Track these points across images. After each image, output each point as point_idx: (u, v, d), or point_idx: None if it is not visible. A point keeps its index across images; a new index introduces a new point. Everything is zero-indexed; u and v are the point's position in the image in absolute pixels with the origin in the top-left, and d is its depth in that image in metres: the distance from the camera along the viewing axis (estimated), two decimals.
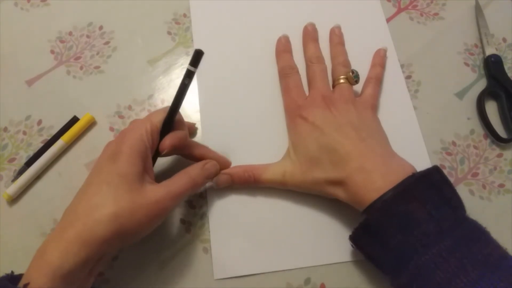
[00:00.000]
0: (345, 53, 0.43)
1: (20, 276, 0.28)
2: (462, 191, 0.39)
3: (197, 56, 0.32)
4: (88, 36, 0.47)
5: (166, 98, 0.44)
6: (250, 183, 0.38)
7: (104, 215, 0.29)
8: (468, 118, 0.43)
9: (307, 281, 0.36)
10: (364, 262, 0.35)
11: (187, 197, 0.38)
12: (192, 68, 0.32)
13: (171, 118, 0.34)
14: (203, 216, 0.38)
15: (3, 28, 0.47)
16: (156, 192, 0.31)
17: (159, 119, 0.34)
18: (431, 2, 0.49)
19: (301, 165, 0.37)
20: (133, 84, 0.44)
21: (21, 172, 0.40)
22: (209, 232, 0.38)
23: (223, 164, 0.38)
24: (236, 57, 0.45)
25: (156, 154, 0.35)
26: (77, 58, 0.45)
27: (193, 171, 0.34)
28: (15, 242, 0.38)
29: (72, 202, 0.31)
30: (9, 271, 0.36)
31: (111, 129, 0.42)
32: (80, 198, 0.31)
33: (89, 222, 0.28)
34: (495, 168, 0.41)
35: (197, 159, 0.37)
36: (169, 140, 0.33)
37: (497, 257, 0.29)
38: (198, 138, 0.42)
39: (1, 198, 0.39)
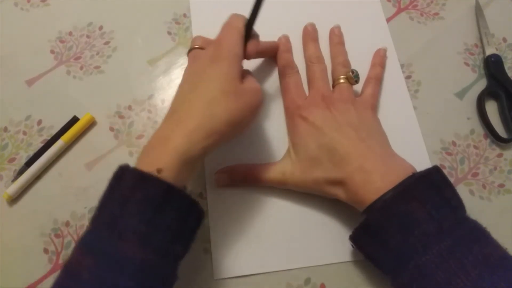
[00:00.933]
0: (345, 53, 0.43)
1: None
2: (462, 191, 0.39)
3: None
4: (88, 36, 0.47)
5: (166, 98, 0.44)
6: (250, 183, 0.38)
7: (220, 111, 0.31)
8: (468, 118, 0.43)
9: (307, 281, 0.36)
10: (364, 262, 0.35)
11: None
12: None
13: (252, 24, 0.35)
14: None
15: (3, 28, 0.47)
16: (253, 84, 0.34)
17: (242, 25, 0.35)
18: (431, 2, 0.49)
19: (301, 165, 0.37)
20: (133, 84, 0.44)
21: (21, 172, 0.40)
22: (209, 232, 0.38)
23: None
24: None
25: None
26: (77, 58, 0.45)
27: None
28: (15, 242, 0.38)
29: (181, 96, 0.33)
30: (9, 271, 0.36)
31: (111, 129, 0.42)
32: (192, 92, 0.32)
33: (207, 116, 0.31)
34: (495, 168, 0.41)
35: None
36: (253, 45, 0.36)
37: (497, 257, 0.29)
38: None
39: (1, 198, 0.39)
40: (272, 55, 0.43)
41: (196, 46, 0.38)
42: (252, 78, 0.35)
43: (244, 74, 0.35)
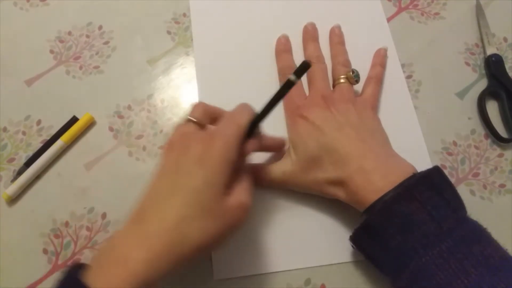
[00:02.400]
0: (345, 53, 0.43)
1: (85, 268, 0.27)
2: (463, 191, 0.39)
3: (304, 68, 0.30)
4: (87, 36, 0.46)
5: (165, 98, 0.44)
6: None
7: (193, 234, 0.27)
8: (469, 118, 0.43)
9: (307, 281, 0.36)
10: (365, 263, 0.35)
11: None
12: (294, 78, 0.31)
13: (258, 123, 0.32)
14: None
15: (2, 28, 0.47)
16: (240, 197, 0.30)
17: (246, 122, 0.32)
18: (432, 2, 0.48)
19: (301, 165, 0.36)
20: (132, 84, 0.44)
21: (20, 172, 0.40)
22: None
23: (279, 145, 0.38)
24: (236, 57, 0.45)
25: None
26: (77, 58, 0.45)
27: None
28: (15, 242, 0.38)
29: (153, 196, 0.29)
30: (8, 272, 0.36)
31: (111, 129, 0.42)
32: (166, 198, 0.28)
33: (177, 239, 0.27)
34: (496, 168, 0.40)
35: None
36: (252, 145, 0.32)
37: (498, 258, 0.29)
38: None
39: (0, 198, 0.39)
40: (276, 150, 0.39)
41: (194, 120, 0.32)
42: (241, 187, 0.30)
43: (234, 181, 0.30)
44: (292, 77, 0.31)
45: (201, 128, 0.32)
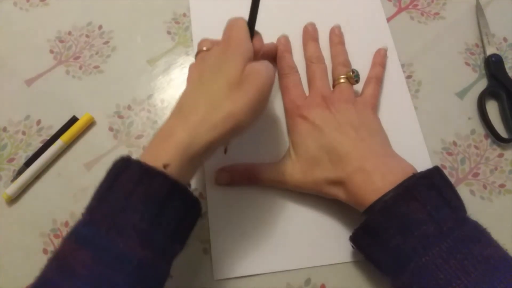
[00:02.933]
0: (345, 53, 0.43)
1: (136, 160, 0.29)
2: (462, 191, 0.39)
3: None
4: (87, 36, 0.46)
5: (165, 98, 0.43)
6: (250, 182, 0.38)
7: (223, 102, 0.30)
8: (469, 118, 0.43)
9: (307, 281, 0.36)
10: (365, 263, 0.35)
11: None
12: None
13: (253, 23, 0.35)
14: (203, 216, 0.38)
15: (2, 28, 0.47)
16: (254, 66, 0.32)
17: (245, 24, 0.34)
18: (432, 2, 0.48)
19: (301, 164, 0.37)
20: (132, 84, 0.44)
21: (20, 172, 0.40)
22: (209, 232, 0.37)
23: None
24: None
25: None
26: (77, 58, 0.45)
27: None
28: (15, 242, 0.38)
29: (187, 92, 0.33)
30: (8, 272, 0.36)
31: (111, 129, 0.42)
32: (198, 89, 0.32)
33: (210, 108, 0.30)
34: (496, 168, 0.40)
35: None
36: (259, 41, 0.35)
37: (498, 259, 0.29)
38: None
39: (0, 198, 0.39)
40: (274, 56, 0.43)
41: (204, 49, 0.36)
42: (256, 62, 0.32)
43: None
44: None
45: None
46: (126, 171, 0.28)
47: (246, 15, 0.47)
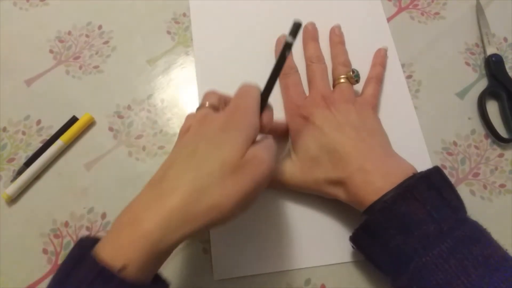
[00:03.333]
0: (345, 53, 0.43)
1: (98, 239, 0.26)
2: (463, 191, 0.39)
3: (297, 28, 0.30)
4: (87, 36, 0.46)
5: (165, 97, 0.43)
6: None
7: (212, 190, 0.25)
8: (469, 118, 0.43)
9: (307, 281, 0.36)
10: (365, 263, 0.35)
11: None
12: (290, 39, 0.30)
13: (267, 95, 0.31)
14: None
15: (2, 28, 0.47)
16: (258, 152, 0.28)
17: (257, 93, 0.31)
18: (432, 2, 0.48)
19: (301, 165, 0.36)
20: (132, 83, 0.44)
21: (20, 172, 0.39)
22: (209, 232, 0.37)
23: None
24: (236, 57, 0.45)
25: None
26: (76, 58, 0.45)
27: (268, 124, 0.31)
28: (14, 242, 0.38)
29: (172, 161, 0.28)
30: (8, 272, 0.36)
31: (111, 129, 0.42)
32: (186, 161, 0.27)
33: (194, 194, 0.25)
34: (496, 168, 0.40)
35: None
36: (268, 116, 0.31)
37: (498, 259, 0.29)
38: None
39: (0, 198, 0.39)
40: (282, 134, 0.39)
41: (207, 104, 0.31)
42: (260, 145, 0.28)
43: (256, 141, 0.29)
44: (289, 38, 0.30)
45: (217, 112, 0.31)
46: (80, 267, 0.24)
47: (246, 15, 0.47)
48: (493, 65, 0.44)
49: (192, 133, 0.29)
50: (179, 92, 0.44)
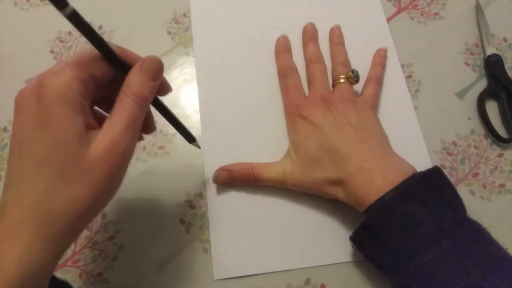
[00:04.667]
0: (345, 53, 0.43)
1: None
2: (462, 191, 0.39)
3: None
4: None
5: (165, 98, 0.43)
6: (250, 181, 0.38)
7: (61, 206, 0.23)
8: (469, 118, 0.43)
9: (307, 281, 0.36)
10: (365, 263, 0.35)
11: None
12: (65, 12, 0.25)
13: (107, 50, 0.26)
14: (203, 216, 0.38)
15: (2, 28, 0.47)
16: (99, 150, 0.24)
17: (87, 60, 0.26)
18: (432, 2, 0.49)
19: (301, 164, 0.37)
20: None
21: None
22: (209, 232, 0.37)
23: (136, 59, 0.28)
24: (236, 57, 0.45)
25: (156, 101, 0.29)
26: None
27: (134, 86, 0.26)
28: None
29: (4, 186, 0.24)
30: None
31: None
32: (15, 183, 0.24)
33: (44, 218, 0.23)
34: (495, 168, 0.40)
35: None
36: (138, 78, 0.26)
37: (498, 258, 0.29)
38: (198, 137, 0.41)
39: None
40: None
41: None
42: (110, 123, 0.25)
43: (91, 119, 0.25)
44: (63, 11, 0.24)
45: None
46: None
47: (246, 15, 0.47)
48: (492, 65, 0.44)
49: (12, 136, 0.26)
50: (179, 92, 0.44)
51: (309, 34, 0.45)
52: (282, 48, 0.44)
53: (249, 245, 0.37)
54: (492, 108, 0.43)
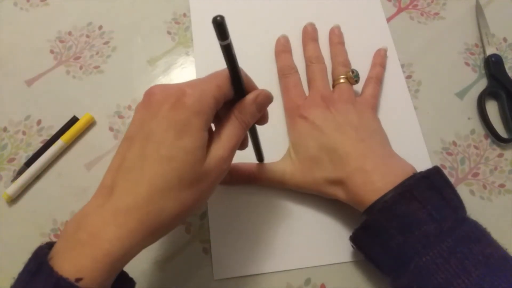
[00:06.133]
0: (345, 53, 0.43)
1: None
2: (462, 191, 0.39)
3: (220, 26, 0.26)
4: (87, 36, 0.46)
5: None
6: (250, 181, 0.38)
7: (171, 205, 0.25)
8: (469, 118, 0.43)
9: (307, 281, 0.36)
10: (365, 263, 0.35)
11: None
12: (223, 43, 0.26)
13: (239, 80, 0.29)
14: (203, 216, 0.38)
15: (2, 28, 0.47)
16: (218, 153, 0.27)
17: (223, 80, 0.28)
18: (432, 2, 0.49)
19: (301, 164, 0.37)
20: (132, 84, 0.44)
21: (20, 172, 0.40)
22: (209, 232, 0.37)
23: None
24: (236, 57, 0.44)
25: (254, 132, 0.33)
26: (77, 58, 0.45)
27: (246, 114, 0.29)
28: (15, 242, 0.38)
29: (118, 167, 0.26)
30: (9, 271, 0.36)
31: (111, 129, 0.42)
32: (134, 171, 0.25)
33: (153, 211, 0.25)
34: (495, 168, 0.40)
35: None
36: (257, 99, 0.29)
37: (498, 258, 0.29)
38: None
39: (0, 198, 0.39)
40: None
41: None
42: (221, 140, 0.28)
43: (216, 135, 0.28)
44: (222, 42, 0.27)
45: None
46: (36, 277, 0.24)
47: (246, 15, 0.47)
48: (492, 65, 0.44)
49: (139, 128, 0.27)
50: None
51: (309, 34, 0.45)
52: (282, 48, 0.44)
53: (249, 245, 0.37)
54: (492, 108, 0.43)
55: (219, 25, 0.25)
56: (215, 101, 0.27)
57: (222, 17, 0.24)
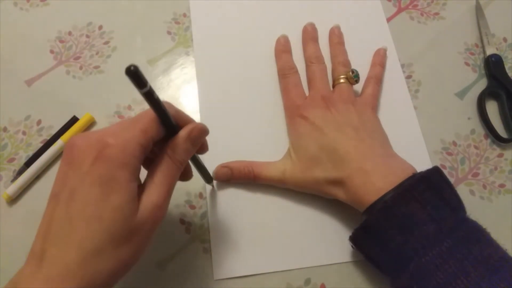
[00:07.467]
0: (345, 53, 0.43)
1: None
2: (462, 191, 0.39)
3: (135, 76, 0.23)
4: (87, 36, 0.46)
5: (166, 98, 0.43)
6: (250, 179, 0.38)
7: (106, 266, 0.24)
8: (469, 118, 0.43)
9: (307, 281, 0.36)
10: (364, 263, 0.35)
11: None
12: (142, 91, 0.24)
13: (168, 120, 0.27)
14: (203, 216, 0.38)
15: (2, 28, 0.47)
16: (146, 213, 0.26)
17: (150, 126, 0.26)
18: (432, 2, 0.49)
19: (301, 164, 0.37)
20: (132, 84, 0.44)
21: (20, 172, 0.40)
22: (209, 232, 0.37)
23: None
24: (236, 57, 0.45)
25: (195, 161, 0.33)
26: (77, 58, 0.45)
27: (180, 152, 0.27)
28: (14, 243, 0.38)
29: (47, 231, 0.25)
30: (9, 272, 0.36)
31: None
32: (62, 235, 0.24)
33: (88, 275, 0.23)
34: (495, 168, 0.40)
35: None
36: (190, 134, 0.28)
37: (498, 258, 0.29)
38: None
39: (0, 198, 0.39)
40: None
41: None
42: (154, 184, 0.26)
43: (147, 180, 0.27)
44: (141, 91, 0.25)
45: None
46: None
47: (246, 15, 0.47)
48: (492, 65, 0.44)
49: (63, 186, 0.25)
50: (180, 92, 0.44)
51: (309, 34, 0.45)
52: (282, 48, 0.44)
53: (249, 245, 0.37)
54: (492, 108, 0.43)
55: (134, 75, 0.23)
56: (141, 148, 0.25)
57: (135, 66, 0.23)
